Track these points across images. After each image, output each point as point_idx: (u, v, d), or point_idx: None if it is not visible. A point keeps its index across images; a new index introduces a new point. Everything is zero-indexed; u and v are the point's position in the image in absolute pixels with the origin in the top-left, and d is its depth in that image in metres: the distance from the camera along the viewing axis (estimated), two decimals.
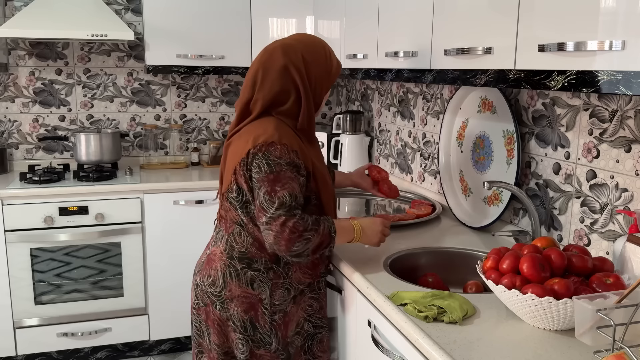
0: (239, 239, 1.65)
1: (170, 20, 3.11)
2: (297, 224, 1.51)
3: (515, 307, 1.30)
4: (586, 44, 1.15)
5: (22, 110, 3.30)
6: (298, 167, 1.57)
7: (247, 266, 1.64)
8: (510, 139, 1.97)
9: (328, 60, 1.68)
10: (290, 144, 1.56)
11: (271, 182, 1.52)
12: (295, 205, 1.53)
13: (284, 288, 1.67)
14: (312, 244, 1.54)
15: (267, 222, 1.52)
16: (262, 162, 1.53)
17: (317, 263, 1.73)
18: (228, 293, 1.65)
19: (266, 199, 1.52)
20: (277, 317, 1.67)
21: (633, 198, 1.52)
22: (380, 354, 1.49)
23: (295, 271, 1.69)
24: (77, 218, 2.87)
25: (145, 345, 3.16)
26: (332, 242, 1.58)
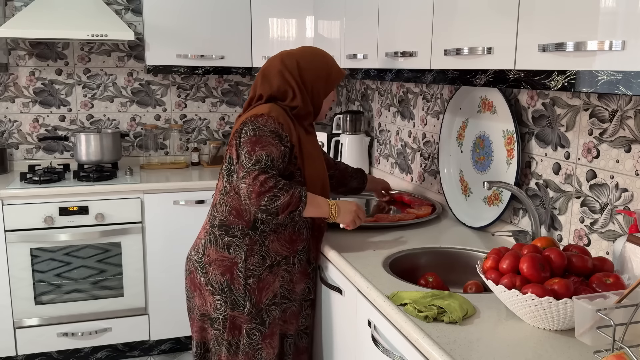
0: (219, 208, 1.85)
1: (170, 20, 3.11)
2: (267, 180, 1.67)
3: (515, 307, 1.30)
4: (586, 44, 1.15)
5: (22, 110, 3.30)
6: (281, 137, 1.75)
7: (225, 233, 1.82)
8: (510, 139, 1.97)
9: (325, 67, 1.90)
10: (277, 117, 1.75)
11: (252, 143, 1.71)
12: (271, 165, 1.70)
13: (260, 255, 1.82)
14: (280, 201, 1.67)
15: (242, 177, 1.70)
16: (249, 128, 1.74)
17: (294, 239, 1.87)
18: (207, 258, 1.84)
19: (245, 157, 1.71)
20: (251, 281, 1.81)
21: (633, 198, 1.52)
22: (380, 354, 1.49)
23: (273, 241, 1.83)
24: (77, 218, 2.87)
25: (145, 345, 3.16)
26: (300, 204, 1.70)
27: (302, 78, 1.85)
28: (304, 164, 1.83)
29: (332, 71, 1.91)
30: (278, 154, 1.73)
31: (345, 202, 1.85)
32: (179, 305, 3.07)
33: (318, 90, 1.89)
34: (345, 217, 1.83)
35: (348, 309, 1.77)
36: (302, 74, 1.85)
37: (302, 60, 1.87)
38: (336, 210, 1.80)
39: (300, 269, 1.91)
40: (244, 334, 1.85)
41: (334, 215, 1.80)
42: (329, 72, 1.91)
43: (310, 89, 1.87)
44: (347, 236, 1.98)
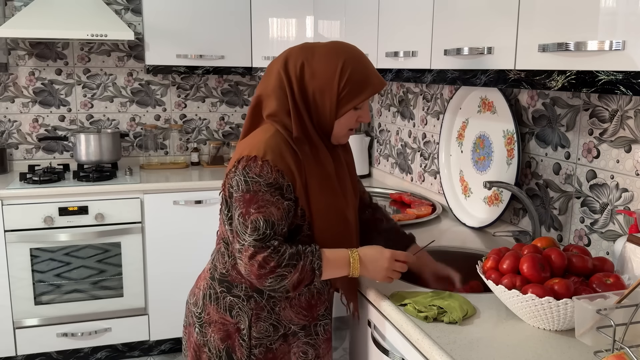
0: (222, 259, 1.48)
1: (170, 20, 3.11)
2: (267, 259, 1.30)
3: (515, 307, 1.30)
4: (586, 44, 1.15)
5: (22, 110, 3.30)
6: (281, 189, 1.34)
7: (227, 290, 1.46)
8: (510, 139, 1.97)
9: (336, 76, 1.38)
10: (274, 162, 1.33)
11: (246, 203, 1.33)
12: (271, 234, 1.32)
13: (269, 323, 1.46)
14: (288, 281, 1.32)
15: (239, 250, 1.34)
16: (240, 179, 1.34)
17: (313, 304, 1.50)
18: (207, 317, 1.49)
19: (240, 222, 1.33)
20: (257, 351, 1.46)
21: (633, 198, 1.52)
22: (380, 354, 1.49)
23: (284, 308, 1.47)
24: (77, 218, 2.87)
25: (145, 346, 3.16)
26: (315, 279, 1.35)
27: (303, 84, 1.39)
28: (312, 216, 1.41)
29: (349, 83, 1.38)
30: (280, 215, 1.34)
31: (373, 255, 1.41)
32: (179, 305, 3.06)
33: (322, 102, 1.39)
34: (377, 275, 1.42)
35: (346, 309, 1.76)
36: (304, 79, 1.39)
37: (310, 61, 1.40)
38: (356, 269, 1.40)
39: (326, 337, 1.55)
40: None
41: (355, 272, 1.40)
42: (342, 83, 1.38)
43: (311, 99, 1.39)
44: None
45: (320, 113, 1.41)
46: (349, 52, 1.42)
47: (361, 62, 1.42)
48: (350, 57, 1.40)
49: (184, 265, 3.04)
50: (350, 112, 1.42)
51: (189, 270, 3.03)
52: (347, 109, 1.40)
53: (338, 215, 1.45)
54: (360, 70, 1.40)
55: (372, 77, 1.42)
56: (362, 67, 1.41)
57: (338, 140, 1.47)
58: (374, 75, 1.43)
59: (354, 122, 1.45)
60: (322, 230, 1.42)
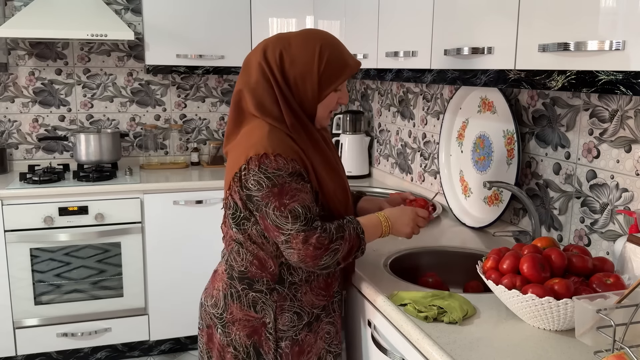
0: (237, 257, 1.51)
1: (170, 20, 3.11)
2: (320, 239, 1.37)
3: (515, 307, 1.30)
4: (586, 44, 1.15)
5: (22, 110, 3.30)
6: (302, 175, 1.41)
7: (248, 287, 1.49)
8: (510, 139, 1.97)
9: (315, 60, 1.43)
10: (285, 153, 1.39)
11: (277, 197, 1.37)
12: (312, 216, 1.39)
13: (292, 312, 1.50)
14: (341, 253, 1.40)
15: (286, 241, 1.38)
16: (261, 177, 1.37)
17: (330, 282, 1.56)
18: (229, 316, 1.51)
19: (277, 216, 1.37)
20: (283, 344, 1.50)
21: (633, 198, 1.52)
22: (380, 354, 1.49)
23: (306, 293, 1.52)
24: (77, 218, 2.87)
25: (145, 346, 3.16)
26: (362, 243, 1.45)
27: (284, 72, 1.44)
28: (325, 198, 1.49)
29: (329, 66, 1.44)
30: (310, 198, 1.41)
31: (397, 213, 1.56)
32: (179, 305, 3.07)
33: (304, 87, 1.45)
34: (403, 230, 1.55)
35: (348, 309, 1.77)
36: (285, 67, 1.44)
37: (288, 49, 1.44)
38: (388, 228, 1.52)
39: (339, 312, 1.63)
40: None
41: (387, 232, 1.53)
42: (318, 65, 1.44)
43: (292, 85, 1.45)
44: None
45: (303, 98, 1.47)
46: (323, 37, 1.48)
47: (336, 44, 1.49)
48: (325, 41, 1.47)
49: (184, 265, 3.04)
50: (331, 95, 1.49)
51: (189, 270, 3.05)
52: (329, 91, 1.47)
53: (343, 191, 1.55)
54: (337, 53, 1.47)
55: (348, 59, 1.49)
56: (338, 50, 1.48)
57: (321, 123, 1.54)
58: (349, 57, 1.50)
59: (334, 104, 1.52)
60: (335, 207, 1.51)
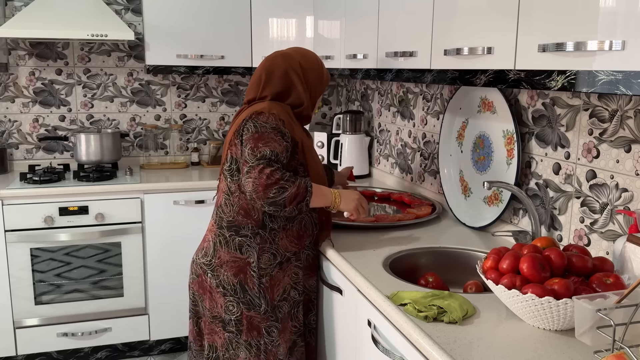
0: (226, 209, 1.84)
1: (170, 20, 3.11)
2: (274, 172, 1.66)
3: (515, 307, 1.30)
4: (586, 44, 1.15)
5: (22, 110, 3.30)
6: (283, 133, 1.75)
7: (235, 233, 1.81)
8: (510, 139, 1.97)
9: (320, 68, 1.95)
10: (278, 114, 1.76)
11: (255, 140, 1.71)
12: (275, 159, 1.70)
13: (270, 253, 1.82)
14: (288, 193, 1.66)
15: (247, 171, 1.68)
16: (251, 125, 1.74)
17: (301, 234, 1.87)
18: (217, 260, 1.83)
19: (249, 154, 1.70)
20: (264, 280, 1.81)
21: (633, 198, 1.52)
22: (380, 354, 1.49)
23: (282, 238, 1.83)
24: (77, 218, 2.87)
25: (145, 345, 3.16)
26: (307, 195, 1.70)
27: (306, 78, 1.89)
28: (306, 160, 1.84)
29: (324, 72, 1.97)
30: (281, 149, 1.72)
31: (347, 191, 1.86)
32: (179, 305, 3.07)
33: (316, 91, 1.94)
34: (349, 205, 1.83)
35: (348, 309, 1.77)
36: (306, 74, 1.89)
37: (302, 60, 1.90)
38: (339, 198, 1.81)
39: (307, 264, 1.92)
40: (264, 333, 1.84)
41: (337, 203, 1.80)
42: (322, 73, 1.96)
43: (311, 90, 1.92)
44: (347, 236, 1.98)
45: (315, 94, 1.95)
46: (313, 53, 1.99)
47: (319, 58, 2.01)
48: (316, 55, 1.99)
49: (184, 265, 3.04)
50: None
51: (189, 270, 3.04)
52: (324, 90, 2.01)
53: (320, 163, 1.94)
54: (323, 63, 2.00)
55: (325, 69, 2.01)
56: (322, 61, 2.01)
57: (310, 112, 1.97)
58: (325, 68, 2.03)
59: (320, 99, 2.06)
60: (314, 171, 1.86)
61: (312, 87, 1.92)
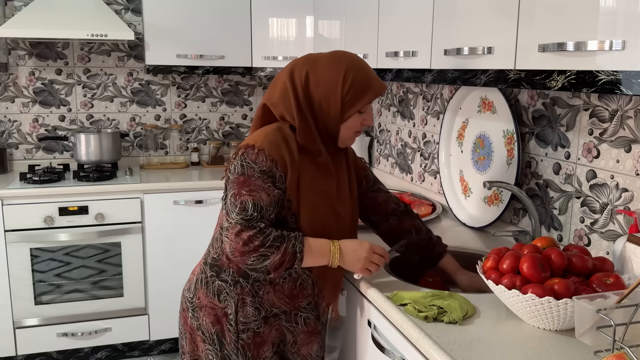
0: (215, 244, 1.56)
1: (170, 20, 3.11)
2: (252, 238, 1.37)
3: (515, 307, 1.30)
4: (586, 44, 1.15)
5: (22, 110, 3.30)
6: (274, 178, 1.42)
7: (216, 275, 1.54)
8: (510, 139, 1.97)
9: (339, 82, 1.46)
10: (269, 151, 1.42)
11: (239, 185, 1.41)
12: (258, 217, 1.39)
13: (254, 307, 1.52)
14: (270, 261, 1.38)
15: (226, 229, 1.41)
16: (237, 163, 1.44)
17: (295, 294, 1.55)
18: (197, 301, 1.57)
19: (231, 202, 1.41)
20: (244, 335, 1.53)
21: (633, 198, 1.52)
22: (380, 354, 1.49)
23: (268, 292, 1.53)
24: (77, 218, 2.87)
25: (145, 345, 3.16)
26: (295, 262, 1.41)
27: (309, 93, 1.47)
28: (299, 209, 1.48)
29: (353, 88, 1.46)
30: (269, 201, 1.41)
31: (352, 247, 1.49)
32: (179, 305, 3.07)
33: (328, 110, 1.47)
34: (354, 265, 1.48)
35: (348, 309, 1.77)
36: (309, 88, 1.47)
37: (314, 71, 1.47)
38: (336, 257, 1.46)
39: (306, 329, 1.61)
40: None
41: (335, 261, 1.47)
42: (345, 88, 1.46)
43: (317, 107, 1.47)
44: None
45: (326, 118, 1.49)
46: (350, 59, 1.50)
47: (362, 67, 1.50)
48: (351, 63, 1.49)
49: (184, 265, 3.04)
50: (355, 116, 1.50)
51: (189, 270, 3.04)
52: (352, 112, 1.48)
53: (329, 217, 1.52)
54: (362, 76, 1.48)
55: (373, 82, 1.50)
56: (363, 73, 1.49)
57: (345, 143, 1.56)
58: (374, 80, 1.51)
59: (359, 125, 1.53)
60: (312, 229, 1.48)
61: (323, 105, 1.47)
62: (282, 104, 1.49)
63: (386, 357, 1.46)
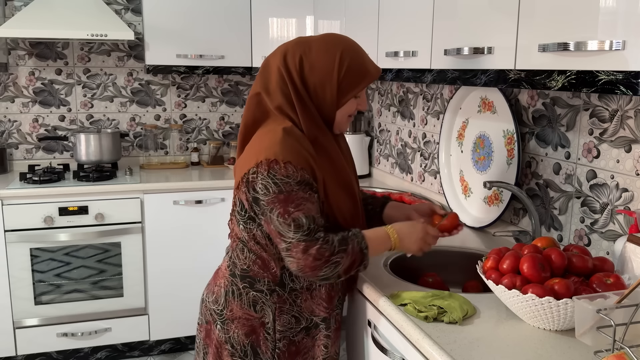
0: (241, 255, 1.50)
1: (170, 20, 3.11)
2: (320, 250, 1.34)
3: (515, 307, 1.30)
4: (586, 44, 1.15)
5: (22, 110, 3.30)
6: (310, 185, 1.39)
7: (250, 286, 1.49)
8: (510, 138, 1.97)
9: (335, 67, 1.42)
10: (296, 161, 1.37)
11: (282, 203, 1.35)
12: (315, 227, 1.36)
13: (291, 315, 1.50)
14: (342, 266, 1.37)
15: (287, 249, 1.36)
16: (269, 182, 1.36)
17: (332, 295, 1.55)
18: (229, 313, 1.51)
19: (281, 222, 1.35)
20: (281, 344, 1.50)
21: (633, 198, 1.52)
22: (380, 354, 1.49)
23: (306, 300, 1.51)
24: (77, 218, 2.87)
25: (145, 345, 3.16)
26: (365, 259, 1.40)
27: (304, 78, 1.43)
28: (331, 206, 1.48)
29: (349, 73, 1.43)
30: (315, 208, 1.38)
31: (407, 228, 1.50)
32: (179, 305, 3.07)
33: (323, 93, 1.44)
34: (411, 247, 1.49)
35: (348, 309, 1.77)
36: (304, 72, 1.43)
37: (308, 55, 1.43)
38: (397, 241, 1.47)
39: (336, 327, 1.59)
40: None
41: (396, 246, 1.47)
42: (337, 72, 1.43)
43: (312, 91, 1.44)
44: None
45: (321, 104, 1.46)
46: (344, 43, 1.47)
47: (357, 52, 1.47)
48: (346, 48, 1.45)
49: (184, 265, 3.04)
50: (351, 101, 1.48)
51: (189, 270, 3.05)
52: (348, 98, 1.46)
53: (352, 202, 1.53)
54: (358, 60, 1.46)
55: (368, 66, 1.48)
56: (359, 57, 1.46)
57: (340, 128, 1.54)
58: (370, 64, 1.49)
59: (353, 109, 1.51)
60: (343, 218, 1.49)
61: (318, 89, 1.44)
62: (279, 92, 1.44)
63: (386, 357, 1.46)
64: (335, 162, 1.50)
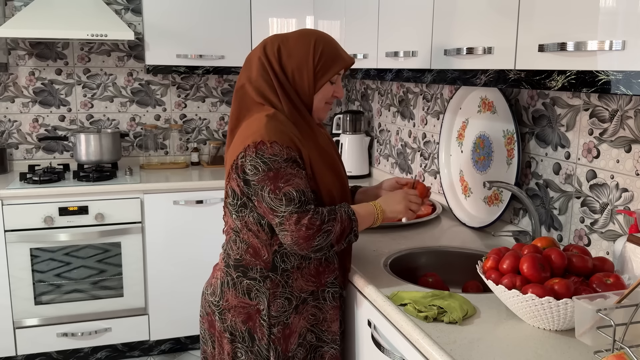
0: (234, 246, 1.58)
1: (170, 20, 3.11)
2: (312, 219, 1.43)
3: (515, 307, 1.30)
4: (586, 44, 1.15)
5: (22, 110, 3.30)
6: (296, 161, 1.47)
7: (243, 274, 1.56)
8: (510, 139, 1.97)
9: (310, 52, 1.53)
10: (281, 140, 1.45)
11: (272, 180, 1.43)
12: (306, 200, 1.45)
13: (284, 298, 1.57)
14: (333, 234, 1.45)
15: (280, 223, 1.44)
16: (258, 162, 1.44)
17: (321, 270, 1.60)
18: (225, 303, 1.59)
19: (272, 198, 1.43)
20: (275, 329, 1.57)
21: (633, 198, 1.52)
22: (380, 354, 1.49)
23: (297, 279, 1.57)
24: (77, 218, 2.87)
25: (145, 345, 3.16)
26: (354, 225, 1.49)
27: (283, 66, 1.54)
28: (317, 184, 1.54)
29: (323, 57, 1.55)
30: (304, 183, 1.46)
31: (385, 197, 1.62)
32: (179, 305, 3.07)
33: (301, 79, 1.55)
34: (396, 207, 1.59)
35: (348, 309, 1.77)
36: (283, 60, 1.54)
37: (285, 45, 1.55)
38: (380, 209, 1.57)
39: (334, 304, 1.64)
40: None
41: (382, 214, 1.57)
42: (312, 57, 1.54)
43: (291, 78, 1.55)
44: None
45: (299, 89, 1.56)
46: (318, 33, 1.59)
47: (330, 40, 1.59)
48: (319, 36, 1.57)
49: (184, 265, 3.04)
50: (327, 86, 1.59)
51: (189, 270, 3.05)
52: (324, 81, 1.57)
53: (341, 186, 1.62)
54: (331, 47, 1.57)
55: (342, 52, 1.60)
56: (332, 44, 1.58)
57: (318, 116, 1.63)
58: (343, 52, 1.61)
59: (330, 96, 1.61)
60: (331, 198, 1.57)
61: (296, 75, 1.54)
62: (261, 79, 1.54)
63: (386, 357, 1.46)
64: (320, 144, 1.59)
